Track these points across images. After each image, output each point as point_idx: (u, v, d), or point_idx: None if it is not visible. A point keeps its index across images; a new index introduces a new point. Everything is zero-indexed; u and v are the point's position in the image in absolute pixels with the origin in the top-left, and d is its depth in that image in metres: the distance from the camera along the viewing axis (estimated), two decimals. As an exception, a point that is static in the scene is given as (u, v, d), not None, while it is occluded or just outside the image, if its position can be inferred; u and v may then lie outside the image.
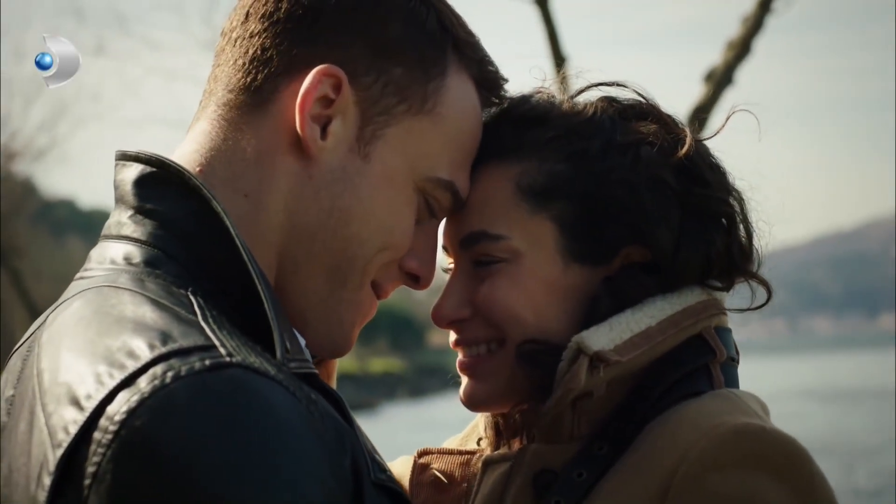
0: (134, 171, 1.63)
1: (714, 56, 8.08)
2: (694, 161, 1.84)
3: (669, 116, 1.88)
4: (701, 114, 7.19)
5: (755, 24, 7.96)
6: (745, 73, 8.18)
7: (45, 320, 1.57)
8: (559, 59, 7.76)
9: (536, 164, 1.83)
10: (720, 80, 7.88)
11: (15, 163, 25.96)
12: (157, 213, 1.60)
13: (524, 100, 1.88)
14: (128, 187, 1.63)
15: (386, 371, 47.31)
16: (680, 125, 1.88)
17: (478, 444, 1.93)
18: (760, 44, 7.99)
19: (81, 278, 1.61)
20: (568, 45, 9.21)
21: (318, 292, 1.69)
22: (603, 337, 1.75)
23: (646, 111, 1.87)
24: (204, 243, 1.57)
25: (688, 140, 1.84)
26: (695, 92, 7.99)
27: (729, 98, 7.99)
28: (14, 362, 1.56)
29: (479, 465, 1.84)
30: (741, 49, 7.93)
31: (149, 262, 1.56)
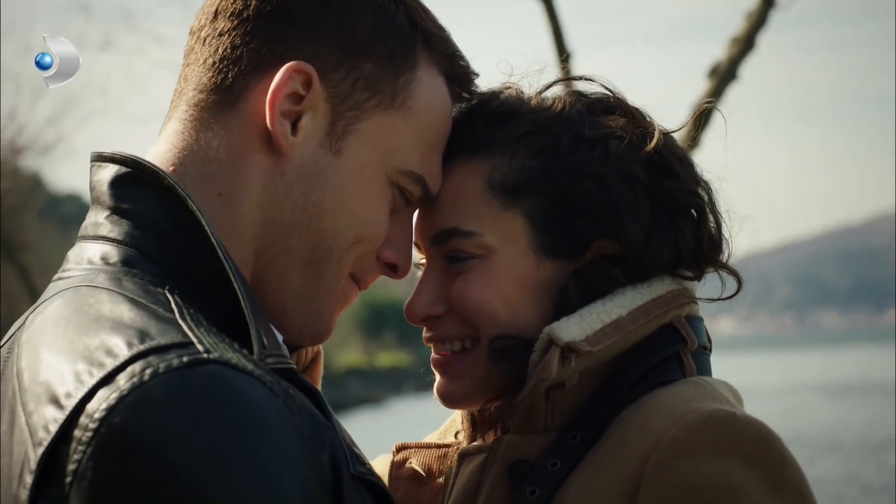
0: (109, 171, 1.64)
1: (718, 51, 8.07)
2: (663, 154, 1.84)
3: (637, 110, 1.88)
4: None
5: (759, 20, 7.94)
6: (749, 69, 8.18)
7: (24, 321, 1.58)
8: (564, 56, 7.75)
9: (507, 160, 1.83)
10: (724, 75, 7.86)
11: (22, 158, 25.93)
12: (133, 213, 1.60)
13: (493, 96, 1.88)
14: (104, 188, 1.63)
15: (393, 365, 47.21)
16: (648, 118, 1.89)
17: (455, 437, 1.95)
18: (764, 39, 7.99)
19: (60, 279, 1.61)
20: (572, 41, 9.21)
21: (295, 286, 1.70)
22: (574, 327, 1.76)
23: (613, 105, 1.88)
24: (180, 242, 1.57)
25: (656, 133, 1.84)
26: (699, 87, 7.99)
27: (733, 93, 7.98)
28: None
29: (456, 457, 1.85)
30: (745, 44, 7.90)
31: (126, 262, 1.56)
